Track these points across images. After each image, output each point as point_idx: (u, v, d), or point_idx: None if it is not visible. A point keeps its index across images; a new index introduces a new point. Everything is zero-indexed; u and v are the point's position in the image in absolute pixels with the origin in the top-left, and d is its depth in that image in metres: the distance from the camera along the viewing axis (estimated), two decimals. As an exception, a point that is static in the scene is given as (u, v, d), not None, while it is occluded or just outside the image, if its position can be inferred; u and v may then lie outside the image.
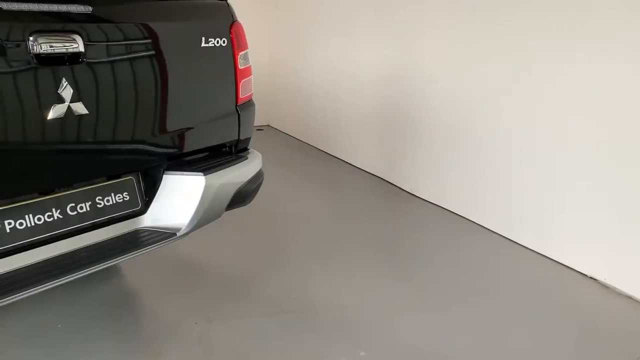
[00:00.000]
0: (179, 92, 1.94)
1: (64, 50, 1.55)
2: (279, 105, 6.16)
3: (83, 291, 2.51)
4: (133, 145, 1.85)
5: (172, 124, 1.95)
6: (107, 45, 1.69)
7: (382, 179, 4.37)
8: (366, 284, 2.69)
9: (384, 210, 3.82)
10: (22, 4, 1.49)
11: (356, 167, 4.75)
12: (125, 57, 1.76)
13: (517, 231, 3.15)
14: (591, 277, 2.72)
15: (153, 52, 1.83)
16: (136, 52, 1.79)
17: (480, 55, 3.23)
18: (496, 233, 3.27)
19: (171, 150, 1.99)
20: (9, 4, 1.46)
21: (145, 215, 1.94)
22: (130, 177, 1.91)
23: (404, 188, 4.10)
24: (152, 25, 1.81)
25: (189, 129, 2.02)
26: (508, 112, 3.10)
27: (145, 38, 1.80)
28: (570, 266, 2.83)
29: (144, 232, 1.91)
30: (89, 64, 1.63)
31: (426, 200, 3.84)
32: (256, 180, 2.24)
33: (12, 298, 1.50)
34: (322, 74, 5.26)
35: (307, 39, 5.53)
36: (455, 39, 3.41)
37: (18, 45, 1.47)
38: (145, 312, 2.45)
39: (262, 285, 2.63)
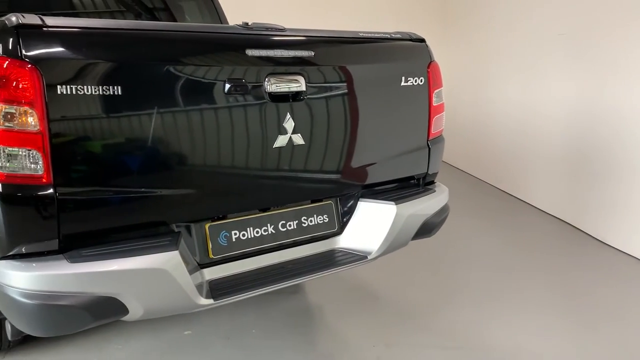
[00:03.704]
0: (379, 127, 2.11)
1: (290, 89, 1.81)
2: (452, 140, 6.12)
3: (272, 303, 2.77)
4: (335, 173, 2.05)
5: (370, 156, 2.12)
6: (324, 85, 1.92)
7: (567, 222, 4.10)
8: (542, 329, 2.56)
9: (567, 255, 3.57)
10: (261, 50, 1.78)
11: (535, 207, 4.52)
12: (337, 95, 1.98)
13: None
14: None
15: (360, 91, 2.02)
16: (346, 90, 1.99)
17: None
18: None
19: (367, 180, 2.16)
20: (252, 50, 1.76)
21: (341, 236, 2.12)
22: (331, 201, 2.12)
23: (592, 234, 3.80)
24: (361, 66, 2.01)
25: (383, 160, 2.17)
26: None
27: (355, 78, 2.00)
28: None
29: (339, 252, 2.09)
30: (307, 101, 1.87)
31: (619, 250, 3.52)
32: (442, 214, 2.31)
33: (235, 297, 1.75)
34: (500, 109, 5.14)
35: (485, 73, 5.47)
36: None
37: (257, 85, 1.76)
38: (326, 328, 2.62)
39: (438, 318, 2.65)
